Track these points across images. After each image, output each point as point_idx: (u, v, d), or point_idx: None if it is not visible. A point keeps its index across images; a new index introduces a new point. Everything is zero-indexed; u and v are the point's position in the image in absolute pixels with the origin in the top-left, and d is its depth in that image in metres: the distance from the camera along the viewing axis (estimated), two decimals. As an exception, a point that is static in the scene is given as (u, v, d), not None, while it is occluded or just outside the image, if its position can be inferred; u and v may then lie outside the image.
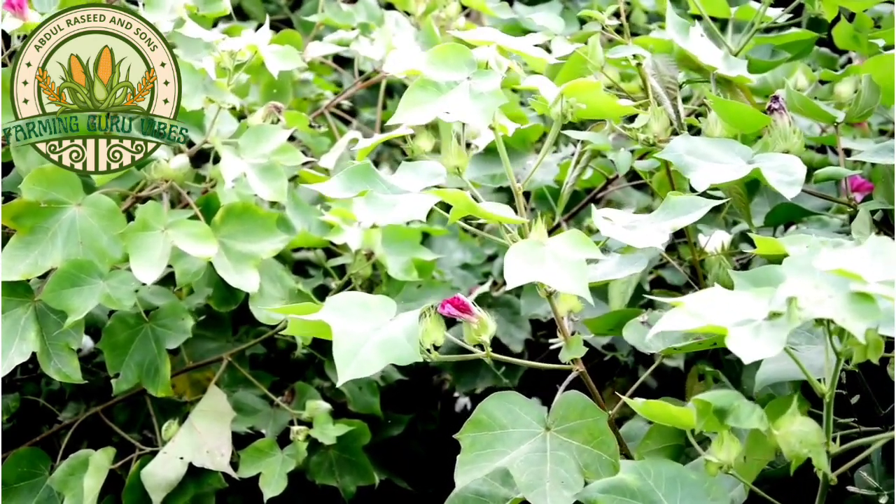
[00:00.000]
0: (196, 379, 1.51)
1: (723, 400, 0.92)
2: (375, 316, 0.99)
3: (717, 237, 1.30)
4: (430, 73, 1.04)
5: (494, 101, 1.03)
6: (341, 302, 1.00)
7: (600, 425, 1.02)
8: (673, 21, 1.24)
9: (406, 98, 1.04)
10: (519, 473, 0.99)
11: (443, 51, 1.06)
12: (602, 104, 1.12)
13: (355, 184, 1.05)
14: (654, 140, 1.20)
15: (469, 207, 1.01)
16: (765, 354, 0.79)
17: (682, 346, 1.11)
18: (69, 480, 1.36)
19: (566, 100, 1.08)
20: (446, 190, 1.03)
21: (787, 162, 1.09)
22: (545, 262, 0.97)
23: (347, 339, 0.95)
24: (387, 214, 1.01)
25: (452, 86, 1.04)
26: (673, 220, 1.03)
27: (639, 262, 1.17)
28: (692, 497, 0.94)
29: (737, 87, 1.24)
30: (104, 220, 1.29)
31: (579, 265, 0.97)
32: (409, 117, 1.04)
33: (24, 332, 1.28)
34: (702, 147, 1.11)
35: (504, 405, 1.03)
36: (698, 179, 1.07)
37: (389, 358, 0.95)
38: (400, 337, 0.96)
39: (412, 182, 1.05)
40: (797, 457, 0.90)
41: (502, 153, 1.06)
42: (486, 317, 1.04)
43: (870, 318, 0.77)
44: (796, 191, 1.06)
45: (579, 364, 1.09)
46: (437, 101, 1.03)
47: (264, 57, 1.36)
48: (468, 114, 1.02)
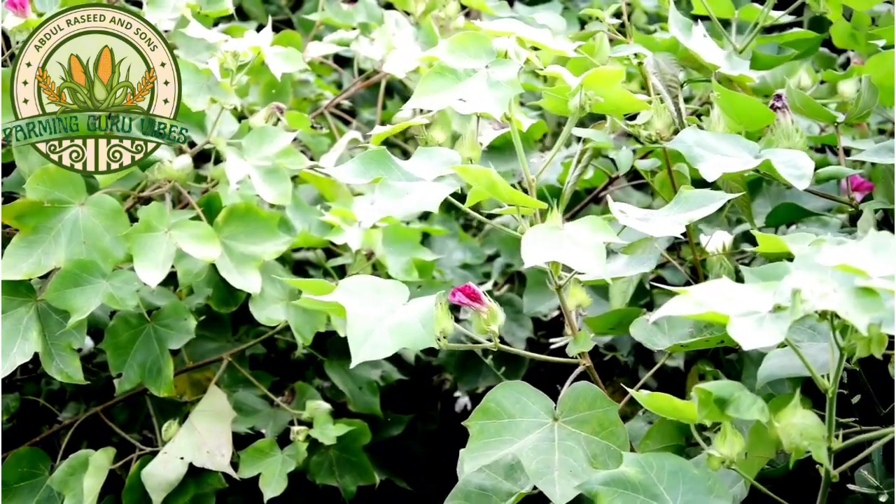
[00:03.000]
0: (196, 379, 1.51)
1: (724, 390, 0.92)
2: (388, 300, 0.98)
3: (717, 237, 1.30)
4: (448, 61, 1.04)
5: (511, 90, 1.02)
6: (355, 284, 1.00)
7: (610, 416, 1.03)
8: (676, 20, 1.24)
9: (423, 84, 1.03)
10: (528, 461, 1.00)
11: (463, 38, 1.06)
12: (619, 98, 1.12)
13: (370, 169, 1.04)
14: (656, 137, 1.20)
15: (491, 187, 1.01)
16: (765, 343, 0.79)
17: (689, 342, 1.11)
18: (69, 481, 1.36)
19: (585, 92, 1.07)
20: (469, 167, 1.02)
21: (794, 156, 1.09)
22: (563, 245, 0.97)
23: (361, 322, 0.95)
24: (399, 203, 1.00)
25: (471, 73, 1.04)
26: (688, 213, 1.03)
27: (648, 262, 1.17)
28: (693, 491, 0.94)
29: (738, 87, 1.24)
30: (107, 219, 1.29)
31: (598, 247, 0.97)
32: (426, 103, 1.03)
33: (26, 332, 1.28)
34: (709, 140, 1.12)
35: (513, 395, 1.04)
36: (708, 170, 1.07)
37: (403, 342, 0.95)
38: (415, 322, 0.95)
39: (426, 169, 1.04)
40: (797, 450, 0.90)
41: (518, 145, 1.06)
42: (496, 307, 1.04)
43: (873, 311, 0.77)
44: (806, 183, 1.06)
45: (586, 358, 1.10)
46: (454, 88, 1.03)
47: (267, 58, 1.36)
48: (484, 102, 1.02)
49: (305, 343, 1.42)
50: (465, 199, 1.05)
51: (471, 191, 1.04)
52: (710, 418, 0.93)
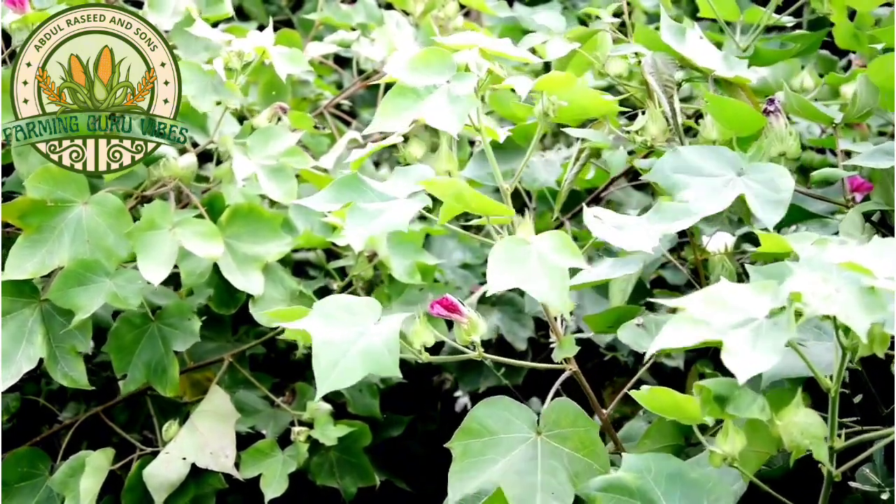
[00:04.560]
0: (196, 379, 1.51)
1: (723, 387, 0.92)
2: (360, 320, 0.96)
3: (719, 238, 1.30)
4: (409, 79, 1.03)
5: (468, 105, 1.01)
6: (328, 307, 0.98)
7: (591, 435, 1.02)
8: (667, 24, 1.23)
9: (383, 106, 1.03)
10: (510, 487, 0.99)
11: (424, 55, 1.04)
12: (585, 101, 1.11)
13: (342, 195, 1.04)
14: (651, 143, 1.20)
15: (458, 198, 1.00)
16: (759, 369, 0.78)
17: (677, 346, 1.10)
18: (69, 482, 1.35)
19: (548, 97, 1.07)
20: (435, 179, 1.01)
21: (774, 175, 1.07)
22: (528, 262, 0.96)
23: (328, 350, 0.93)
24: (369, 226, 1.00)
25: (432, 90, 1.02)
26: (663, 225, 1.02)
27: (633, 264, 1.16)
28: (691, 497, 0.93)
29: (738, 88, 1.24)
30: (111, 218, 1.29)
31: (561, 271, 0.95)
32: (386, 125, 1.02)
33: (31, 336, 1.28)
34: (691, 159, 1.10)
35: (495, 411, 1.03)
36: (690, 198, 1.05)
37: (370, 368, 0.93)
38: (380, 347, 0.93)
39: (400, 188, 1.03)
40: (798, 448, 0.90)
41: (490, 157, 1.05)
42: (475, 317, 1.03)
43: (875, 313, 0.77)
44: (781, 213, 1.04)
45: (572, 364, 1.09)
46: (414, 108, 1.02)
47: (272, 59, 1.36)
48: (444, 119, 1.00)
49: (305, 344, 1.42)
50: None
51: (442, 208, 1.03)
52: (712, 415, 0.93)
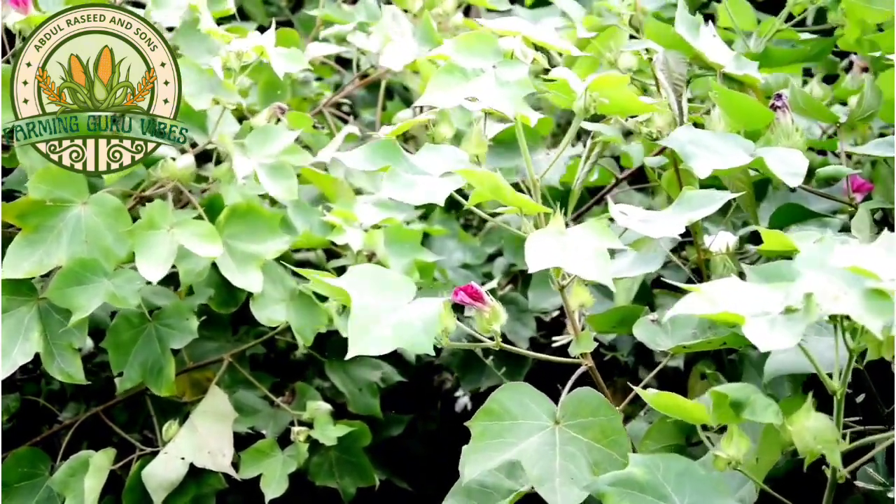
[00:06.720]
0: (196, 379, 1.50)
1: (740, 392, 0.93)
2: (395, 295, 0.97)
3: (721, 238, 1.30)
4: (456, 59, 1.04)
5: (521, 90, 1.03)
6: (364, 273, 0.99)
7: (613, 424, 1.02)
8: (682, 17, 1.25)
9: (434, 81, 1.04)
10: (530, 466, 0.99)
11: (468, 38, 1.06)
12: (624, 100, 1.12)
13: (379, 158, 1.04)
14: (657, 135, 1.21)
15: (495, 190, 1.01)
16: (782, 345, 0.79)
17: (692, 344, 1.11)
18: (70, 482, 1.35)
19: (590, 94, 1.08)
20: (475, 169, 1.02)
21: (788, 155, 1.10)
22: (567, 250, 0.97)
23: (365, 313, 0.94)
24: (406, 193, 1.01)
25: (479, 73, 1.04)
26: (688, 213, 1.03)
27: (653, 262, 1.17)
28: (701, 492, 0.93)
29: (748, 88, 1.24)
30: (110, 218, 1.29)
31: (602, 253, 0.97)
32: (437, 99, 1.04)
33: (27, 332, 1.28)
34: (705, 139, 1.12)
35: (516, 396, 1.03)
36: (700, 167, 1.07)
37: (402, 342, 0.93)
38: (417, 324, 0.94)
39: (434, 164, 1.04)
40: (811, 453, 0.90)
41: (522, 145, 1.06)
42: (498, 306, 1.04)
43: (887, 314, 0.77)
44: (799, 180, 1.07)
45: (588, 359, 1.09)
46: (464, 86, 1.03)
47: (271, 59, 1.36)
48: (496, 100, 1.02)
49: (306, 344, 1.42)
50: (468, 196, 1.05)
51: (473, 192, 1.04)
52: (722, 420, 0.93)
